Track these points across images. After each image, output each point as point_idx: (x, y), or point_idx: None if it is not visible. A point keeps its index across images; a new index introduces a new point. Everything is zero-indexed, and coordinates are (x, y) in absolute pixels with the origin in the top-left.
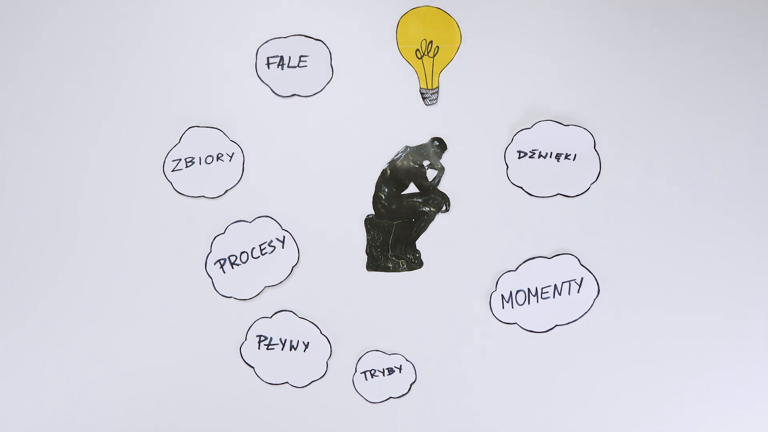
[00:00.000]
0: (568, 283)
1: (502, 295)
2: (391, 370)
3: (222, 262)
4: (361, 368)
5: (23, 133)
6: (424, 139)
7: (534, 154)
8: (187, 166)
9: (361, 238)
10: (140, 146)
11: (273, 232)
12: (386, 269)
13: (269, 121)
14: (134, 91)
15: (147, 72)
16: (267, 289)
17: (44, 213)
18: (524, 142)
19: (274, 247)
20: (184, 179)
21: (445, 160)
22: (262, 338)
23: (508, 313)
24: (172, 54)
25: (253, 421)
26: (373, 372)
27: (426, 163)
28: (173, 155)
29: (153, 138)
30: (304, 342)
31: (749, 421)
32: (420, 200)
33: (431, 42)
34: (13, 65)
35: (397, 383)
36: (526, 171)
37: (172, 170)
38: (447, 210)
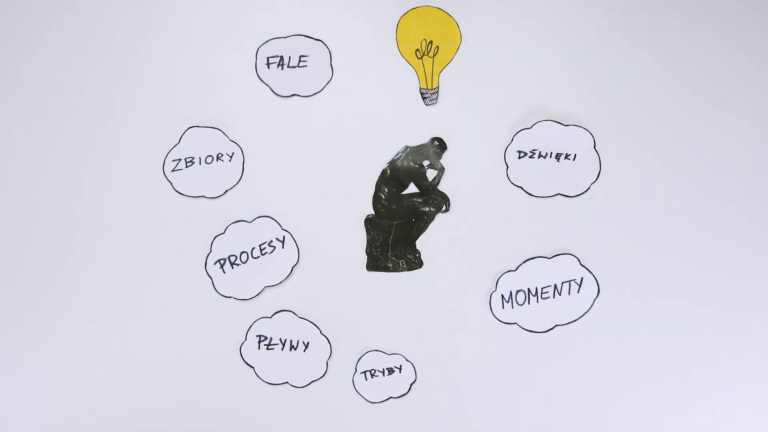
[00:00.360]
0: (568, 283)
1: (502, 295)
2: (391, 370)
3: (222, 262)
4: (361, 368)
5: (24, 133)
6: (424, 139)
7: (534, 154)
8: (187, 166)
9: (361, 238)
10: (140, 146)
11: (273, 232)
12: (386, 269)
13: (269, 121)
14: (134, 91)
15: (147, 72)
16: (267, 289)
17: (45, 213)
18: (524, 142)
19: (274, 247)
20: (184, 179)
21: (445, 160)
22: (262, 338)
23: (508, 313)
24: (172, 54)
25: (253, 421)
26: (373, 372)
27: (426, 163)
28: (173, 155)
29: (153, 138)
30: (304, 342)
31: (749, 421)
32: (420, 200)
33: (431, 42)
34: (13, 66)
35: (397, 383)
36: (526, 171)
37: (172, 170)
38: (447, 210)
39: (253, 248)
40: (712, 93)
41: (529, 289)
